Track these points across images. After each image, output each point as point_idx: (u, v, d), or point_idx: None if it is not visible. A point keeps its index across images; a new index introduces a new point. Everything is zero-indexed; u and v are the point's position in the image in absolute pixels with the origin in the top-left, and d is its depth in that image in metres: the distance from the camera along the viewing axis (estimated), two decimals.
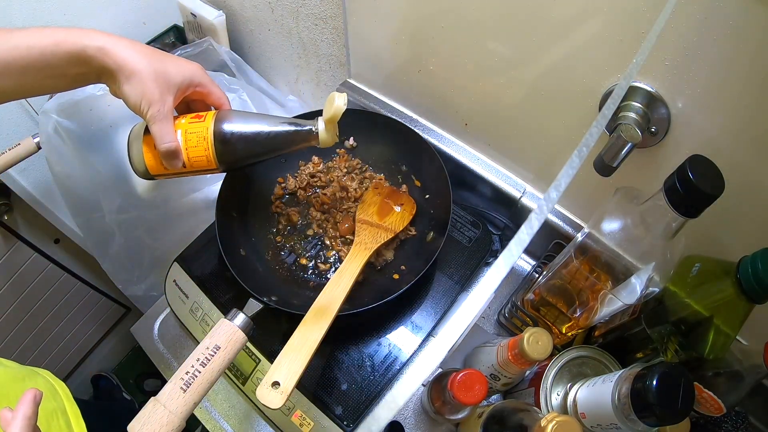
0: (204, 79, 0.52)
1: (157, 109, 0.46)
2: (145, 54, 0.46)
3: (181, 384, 0.40)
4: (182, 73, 0.49)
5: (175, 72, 0.48)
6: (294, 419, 0.57)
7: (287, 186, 0.70)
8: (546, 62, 0.53)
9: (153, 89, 0.46)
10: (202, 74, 0.52)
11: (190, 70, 0.50)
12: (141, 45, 0.47)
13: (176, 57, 0.50)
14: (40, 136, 0.72)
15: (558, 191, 0.26)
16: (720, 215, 0.45)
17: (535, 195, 0.69)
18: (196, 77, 0.51)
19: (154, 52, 0.48)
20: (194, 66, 0.51)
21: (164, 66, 0.47)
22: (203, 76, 0.52)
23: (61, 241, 1.20)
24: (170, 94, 0.48)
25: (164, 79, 0.47)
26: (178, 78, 0.48)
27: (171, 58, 0.49)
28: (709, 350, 0.46)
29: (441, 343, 0.21)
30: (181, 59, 0.50)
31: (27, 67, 0.44)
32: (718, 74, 0.41)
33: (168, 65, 0.47)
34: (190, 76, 0.50)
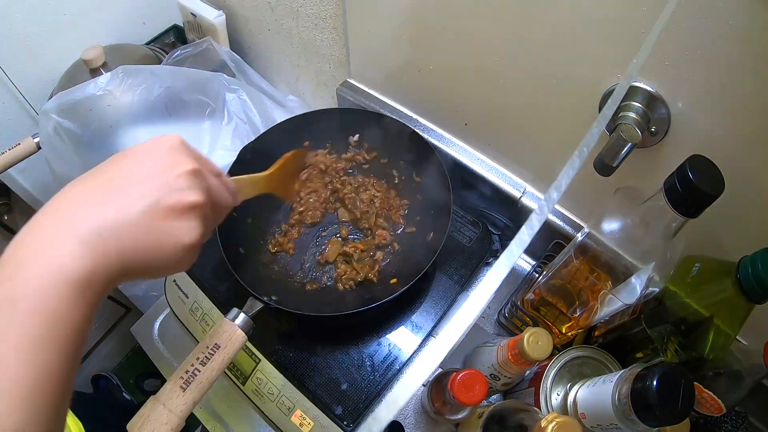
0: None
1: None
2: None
3: (181, 383, 0.40)
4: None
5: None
6: (294, 419, 0.57)
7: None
8: (546, 62, 0.53)
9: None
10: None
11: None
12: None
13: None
14: (40, 136, 0.72)
15: (558, 191, 0.26)
16: (720, 215, 0.45)
17: (535, 195, 0.69)
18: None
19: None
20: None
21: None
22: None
23: None
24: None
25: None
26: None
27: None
28: (709, 350, 0.46)
29: (441, 343, 0.21)
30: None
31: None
32: (718, 74, 0.41)
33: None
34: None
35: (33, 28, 0.81)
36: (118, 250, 0.28)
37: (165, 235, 0.30)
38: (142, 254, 0.29)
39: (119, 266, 0.28)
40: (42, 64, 0.85)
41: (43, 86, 0.86)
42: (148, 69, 0.72)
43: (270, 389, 0.59)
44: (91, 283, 0.27)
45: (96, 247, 0.27)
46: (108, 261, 0.27)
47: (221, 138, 0.78)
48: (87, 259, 0.26)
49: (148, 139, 0.33)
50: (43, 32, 0.82)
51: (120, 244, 0.28)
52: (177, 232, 0.30)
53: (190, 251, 0.31)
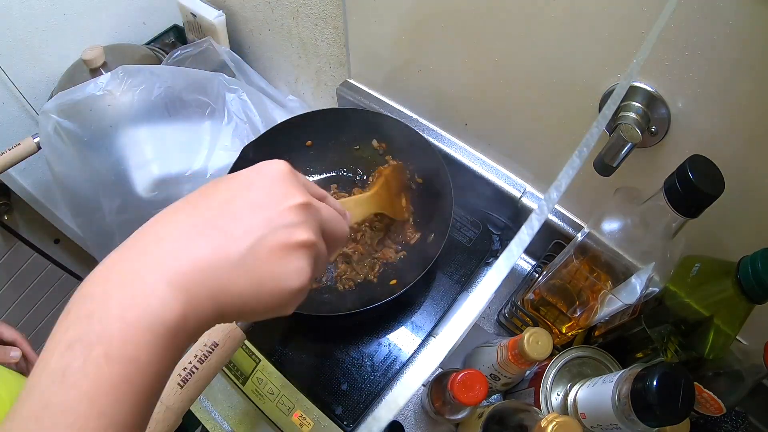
0: None
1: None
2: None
3: (179, 380, 0.40)
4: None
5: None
6: (294, 419, 0.57)
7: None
8: (546, 62, 0.53)
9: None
10: None
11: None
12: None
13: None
14: (40, 136, 0.72)
15: (558, 191, 0.26)
16: (720, 215, 0.45)
17: (535, 195, 0.69)
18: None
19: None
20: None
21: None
22: None
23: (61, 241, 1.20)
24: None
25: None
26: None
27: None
28: (709, 350, 0.46)
29: (441, 343, 0.21)
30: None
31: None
32: (718, 74, 0.41)
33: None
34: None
35: (33, 28, 0.81)
36: (213, 294, 0.24)
37: (268, 280, 0.26)
38: (240, 299, 0.25)
39: (213, 311, 0.25)
40: (42, 64, 0.85)
41: (43, 86, 0.86)
42: (148, 69, 0.72)
43: (270, 389, 0.59)
44: (180, 330, 0.23)
45: (189, 291, 0.23)
46: (201, 306, 0.24)
47: (221, 138, 0.78)
48: (178, 303, 0.23)
49: (251, 167, 0.29)
50: (43, 32, 0.82)
51: (216, 288, 0.24)
52: (282, 276, 0.26)
53: (296, 296, 0.27)
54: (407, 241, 0.67)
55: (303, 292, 0.27)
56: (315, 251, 0.28)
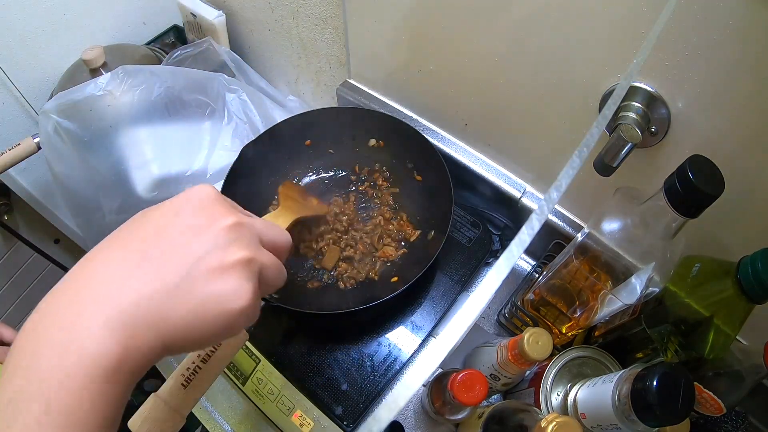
0: None
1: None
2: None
3: (182, 380, 0.40)
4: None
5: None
6: (294, 419, 0.57)
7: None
8: (546, 62, 0.53)
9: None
10: None
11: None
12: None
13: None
14: (40, 136, 0.72)
15: (559, 191, 0.26)
16: (720, 215, 0.45)
17: (535, 195, 0.69)
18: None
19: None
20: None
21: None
22: None
23: (61, 241, 1.20)
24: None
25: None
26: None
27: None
28: (709, 350, 0.46)
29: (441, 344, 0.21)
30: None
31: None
32: (718, 74, 0.41)
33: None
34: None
35: (33, 28, 0.81)
36: (154, 326, 0.24)
37: (209, 302, 0.25)
38: (183, 327, 0.25)
39: (157, 343, 0.24)
40: (42, 64, 0.85)
41: (43, 86, 0.86)
42: (148, 69, 0.72)
43: (270, 389, 0.59)
44: (121, 369, 0.23)
45: (127, 327, 0.23)
46: (143, 339, 0.23)
47: (221, 138, 0.78)
48: (115, 342, 0.22)
49: (179, 194, 0.29)
50: (43, 32, 0.82)
51: (156, 319, 0.24)
52: (222, 297, 0.26)
53: (241, 315, 0.26)
54: (407, 238, 0.67)
55: (248, 309, 0.27)
56: (256, 265, 0.28)
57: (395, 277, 0.63)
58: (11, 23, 0.78)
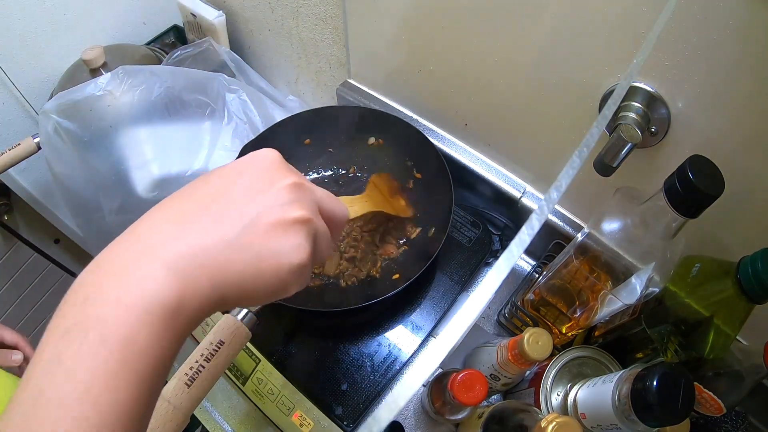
0: None
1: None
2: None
3: (186, 379, 0.40)
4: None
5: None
6: (294, 419, 0.57)
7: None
8: (546, 62, 0.53)
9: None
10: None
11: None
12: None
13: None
14: (40, 136, 0.72)
15: (559, 191, 0.26)
16: (720, 215, 0.45)
17: (535, 195, 0.69)
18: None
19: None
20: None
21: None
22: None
23: (61, 241, 1.20)
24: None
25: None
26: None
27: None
28: (709, 350, 0.46)
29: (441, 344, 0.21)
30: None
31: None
32: (718, 74, 0.41)
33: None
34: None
35: (33, 28, 0.81)
36: (211, 276, 0.24)
37: (266, 257, 0.25)
38: (239, 279, 0.25)
39: (214, 293, 0.24)
40: (42, 64, 0.85)
41: (43, 86, 0.86)
42: (148, 69, 0.72)
43: (270, 389, 0.59)
44: (178, 312, 0.23)
45: (185, 273, 0.23)
46: (200, 288, 0.24)
47: (221, 138, 0.78)
48: (174, 285, 0.22)
49: (242, 157, 0.29)
50: (43, 32, 0.82)
51: (214, 269, 0.24)
52: (280, 253, 0.26)
53: (296, 274, 0.27)
54: (408, 236, 0.67)
55: (304, 269, 0.27)
56: (313, 228, 0.28)
57: (397, 275, 0.63)
58: (11, 23, 0.78)
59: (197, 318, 0.24)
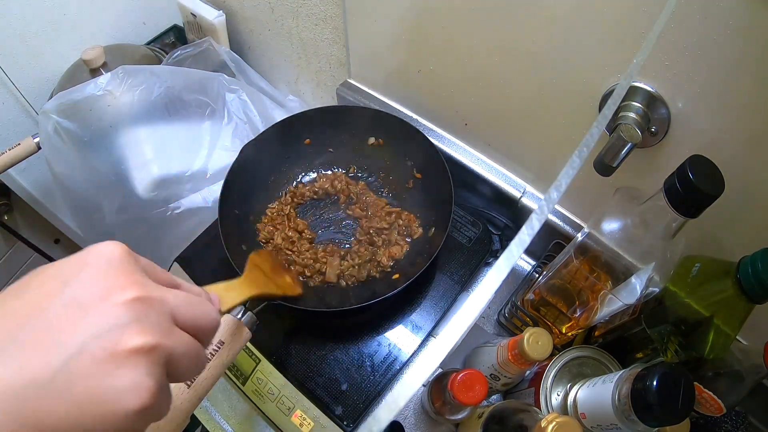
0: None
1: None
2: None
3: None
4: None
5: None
6: (294, 419, 0.57)
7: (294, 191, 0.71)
8: (546, 62, 0.53)
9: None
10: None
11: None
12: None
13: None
14: (40, 136, 0.72)
15: (559, 191, 0.26)
16: (720, 215, 0.45)
17: (535, 195, 0.69)
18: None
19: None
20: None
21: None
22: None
23: (61, 241, 1.20)
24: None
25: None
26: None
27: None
28: (709, 350, 0.46)
29: (441, 344, 0.21)
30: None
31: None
32: (718, 74, 0.41)
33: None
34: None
35: (33, 28, 0.81)
36: (25, 427, 0.19)
37: (89, 404, 0.20)
38: (60, 430, 0.20)
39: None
40: (42, 64, 0.85)
41: (43, 86, 0.86)
42: (148, 69, 0.72)
43: (270, 389, 0.59)
44: None
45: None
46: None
47: (221, 138, 0.78)
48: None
49: (76, 254, 0.23)
50: (43, 32, 0.82)
51: (29, 419, 0.19)
52: (110, 397, 0.20)
53: (138, 418, 0.21)
54: (411, 234, 0.67)
55: (148, 412, 0.21)
56: (162, 354, 0.22)
57: (397, 275, 0.63)
58: (11, 23, 0.78)
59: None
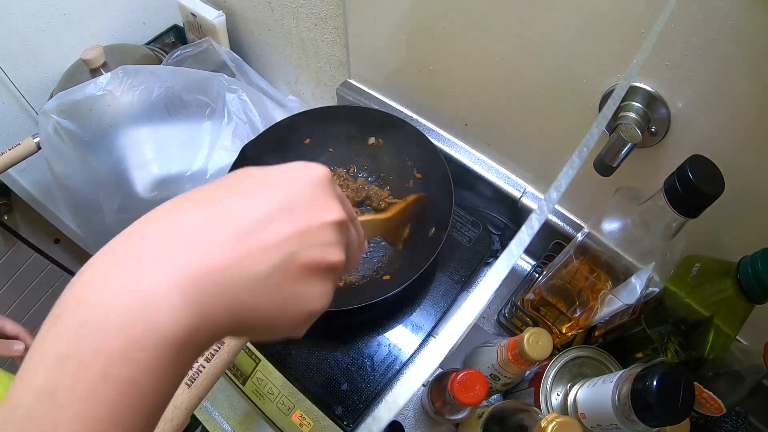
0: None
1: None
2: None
3: (186, 379, 0.40)
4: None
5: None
6: (294, 419, 0.57)
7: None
8: (546, 62, 0.53)
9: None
10: None
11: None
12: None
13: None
14: (40, 136, 0.72)
15: (558, 191, 0.26)
16: (720, 215, 0.45)
17: (535, 195, 0.69)
18: None
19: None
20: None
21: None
22: None
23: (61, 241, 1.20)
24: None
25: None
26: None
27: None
28: (709, 350, 0.46)
29: (441, 344, 0.21)
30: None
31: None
32: (718, 74, 0.41)
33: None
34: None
35: (33, 28, 0.81)
36: (230, 310, 0.21)
37: (293, 302, 0.23)
38: (260, 318, 0.22)
39: (229, 326, 0.21)
40: (42, 64, 0.85)
41: (43, 86, 0.86)
42: (148, 69, 0.72)
43: (270, 389, 0.59)
44: (190, 345, 0.20)
45: (204, 304, 0.20)
46: (217, 321, 0.21)
47: (221, 138, 0.78)
48: (190, 317, 0.19)
49: (287, 164, 0.25)
50: (43, 32, 0.82)
51: (235, 303, 0.21)
52: (308, 298, 0.23)
53: (314, 318, 0.25)
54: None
55: (319, 314, 0.25)
56: (341, 271, 0.26)
57: (396, 275, 0.63)
58: (11, 23, 0.78)
59: (207, 347, 0.22)
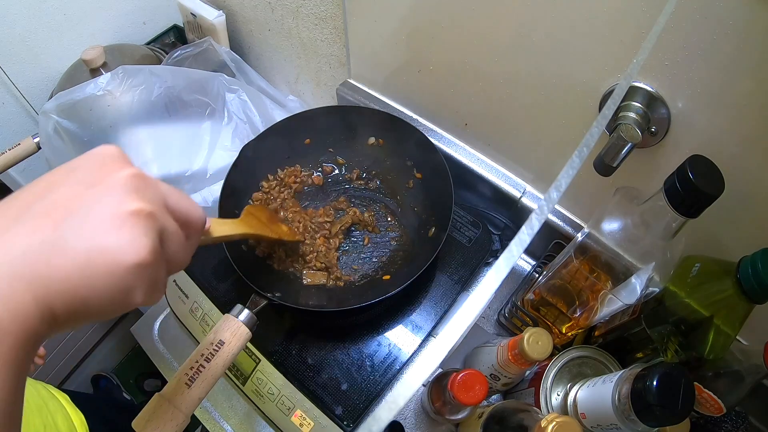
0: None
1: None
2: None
3: (186, 379, 0.40)
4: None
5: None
6: (294, 419, 0.57)
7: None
8: (546, 62, 0.53)
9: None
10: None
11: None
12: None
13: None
14: (40, 136, 0.72)
15: (558, 191, 0.26)
16: (720, 215, 0.45)
17: (535, 195, 0.69)
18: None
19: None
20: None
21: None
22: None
23: None
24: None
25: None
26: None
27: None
28: (709, 350, 0.46)
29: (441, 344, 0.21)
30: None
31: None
32: (718, 74, 0.41)
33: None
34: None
35: (33, 28, 0.81)
36: (30, 285, 0.20)
37: (96, 255, 0.22)
38: (65, 286, 0.21)
39: (38, 308, 0.21)
40: (42, 64, 0.85)
41: (43, 86, 0.86)
42: (148, 69, 0.72)
43: (270, 389, 0.59)
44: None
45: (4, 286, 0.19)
46: (19, 303, 0.20)
47: (221, 138, 0.78)
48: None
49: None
50: (43, 32, 0.82)
51: (35, 276, 0.20)
52: (113, 249, 0.22)
53: (136, 274, 0.23)
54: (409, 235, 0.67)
55: (145, 269, 0.23)
56: (157, 224, 0.25)
57: (397, 275, 0.63)
58: (12, 23, 0.78)
59: (26, 343, 0.20)
